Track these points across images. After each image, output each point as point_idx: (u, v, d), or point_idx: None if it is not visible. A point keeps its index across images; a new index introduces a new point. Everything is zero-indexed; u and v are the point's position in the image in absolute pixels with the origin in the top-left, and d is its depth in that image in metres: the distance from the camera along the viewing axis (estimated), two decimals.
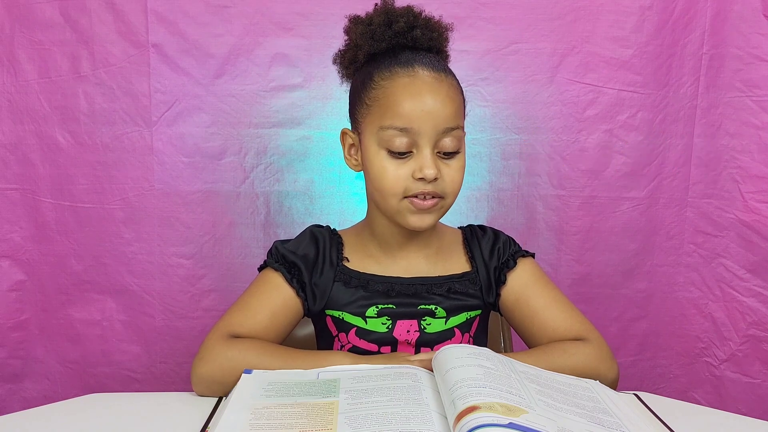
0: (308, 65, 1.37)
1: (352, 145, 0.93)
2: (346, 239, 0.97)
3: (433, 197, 0.87)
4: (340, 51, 0.95)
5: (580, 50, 1.38)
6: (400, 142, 0.85)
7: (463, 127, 0.89)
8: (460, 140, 0.88)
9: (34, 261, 1.40)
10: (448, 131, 0.85)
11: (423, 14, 0.91)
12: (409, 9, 0.90)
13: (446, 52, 0.95)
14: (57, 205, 1.38)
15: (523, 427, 0.59)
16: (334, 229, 0.99)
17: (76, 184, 1.37)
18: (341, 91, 0.98)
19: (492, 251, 0.97)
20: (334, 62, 0.96)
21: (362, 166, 0.92)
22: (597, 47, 1.38)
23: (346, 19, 0.93)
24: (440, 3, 0.93)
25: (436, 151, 0.86)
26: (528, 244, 1.41)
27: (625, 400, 0.78)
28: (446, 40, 0.93)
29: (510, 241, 0.99)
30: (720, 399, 1.48)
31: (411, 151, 0.86)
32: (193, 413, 0.76)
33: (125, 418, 0.76)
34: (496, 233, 0.99)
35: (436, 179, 0.85)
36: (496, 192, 1.43)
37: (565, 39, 1.38)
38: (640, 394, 0.83)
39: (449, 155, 0.87)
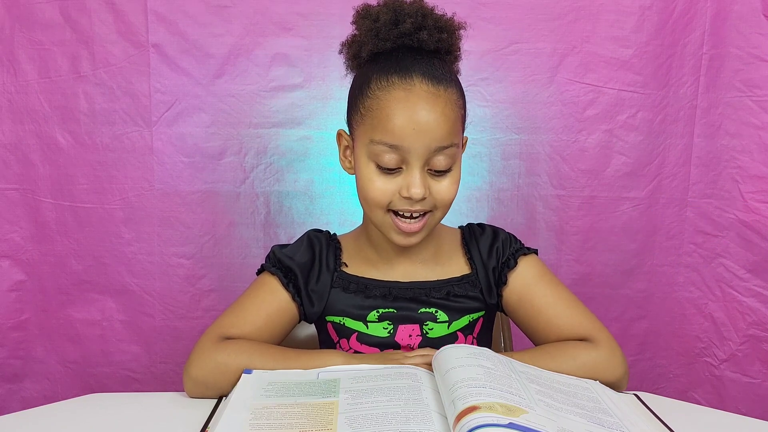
0: (308, 65, 1.37)
1: (347, 147, 0.91)
2: (344, 244, 0.96)
3: (422, 214, 0.85)
4: (347, 41, 0.91)
5: (580, 50, 1.38)
6: (389, 159, 0.82)
7: (458, 143, 0.85)
8: (454, 157, 0.84)
9: (34, 261, 1.40)
10: (440, 150, 0.82)
11: (433, 12, 0.86)
12: (418, 7, 0.85)
13: (456, 52, 0.90)
14: (57, 205, 1.38)
15: (523, 427, 0.59)
16: (334, 234, 0.98)
17: (76, 184, 1.37)
18: (341, 91, 0.98)
19: (491, 251, 0.94)
20: (341, 52, 0.92)
21: (354, 170, 0.90)
22: (597, 47, 1.38)
23: (354, 11, 0.88)
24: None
25: (427, 168, 0.83)
26: (528, 244, 1.37)
27: (625, 400, 0.78)
28: (457, 39, 0.88)
29: (510, 239, 0.96)
30: (720, 399, 1.48)
31: (401, 167, 0.83)
32: (193, 413, 0.76)
33: (125, 418, 0.76)
34: (495, 231, 0.97)
35: (424, 198, 0.83)
36: (496, 192, 1.43)
37: (565, 39, 1.38)
38: (640, 394, 0.83)
39: (441, 173, 0.84)
